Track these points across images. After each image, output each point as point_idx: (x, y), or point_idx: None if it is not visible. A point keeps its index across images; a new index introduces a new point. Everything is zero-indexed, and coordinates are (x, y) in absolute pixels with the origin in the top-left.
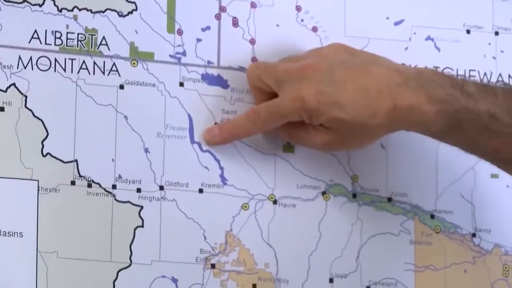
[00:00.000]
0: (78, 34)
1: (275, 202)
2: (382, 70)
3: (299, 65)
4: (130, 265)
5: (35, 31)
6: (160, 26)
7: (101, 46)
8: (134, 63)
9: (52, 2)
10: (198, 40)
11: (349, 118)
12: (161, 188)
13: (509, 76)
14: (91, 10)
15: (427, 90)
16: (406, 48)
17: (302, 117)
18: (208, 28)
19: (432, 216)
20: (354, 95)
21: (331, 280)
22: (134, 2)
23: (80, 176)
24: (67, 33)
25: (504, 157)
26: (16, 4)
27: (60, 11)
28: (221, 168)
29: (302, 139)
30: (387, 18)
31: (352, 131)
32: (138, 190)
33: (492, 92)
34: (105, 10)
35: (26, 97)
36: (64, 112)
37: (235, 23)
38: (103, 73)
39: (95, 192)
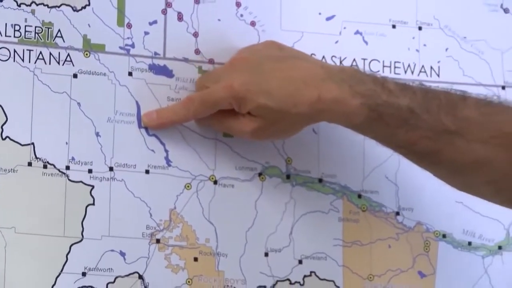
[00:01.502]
0: (35, 27)
1: (215, 182)
2: (308, 64)
3: (231, 59)
4: (82, 239)
5: None
6: (111, 20)
7: (56, 38)
8: (86, 54)
9: None
10: (146, 33)
11: (275, 106)
12: (111, 169)
13: (431, 67)
14: (47, 5)
15: (351, 85)
16: (337, 42)
17: (232, 105)
18: (155, 22)
19: (359, 196)
20: (280, 85)
21: (266, 254)
22: None
23: (36, 157)
24: (25, 26)
25: (419, 150)
26: None
27: (19, 6)
28: (166, 151)
29: (233, 128)
30: (320, 13)
31: (278, 119)
32: (90, 171)
33: (410, 90)
34: (61, 5)
35: None
36: (22, 99)
37: (180, 17)
38: (58, 63)
39: (50, 173)
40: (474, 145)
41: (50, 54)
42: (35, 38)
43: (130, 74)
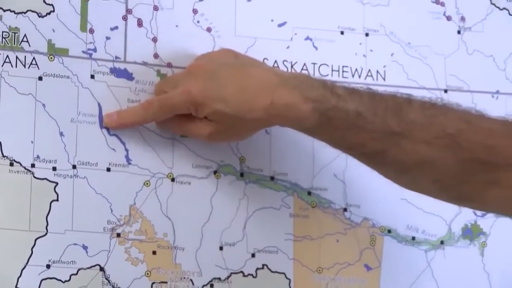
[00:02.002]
0: (2, 32)
1: (173, 179)
2: (262, 71)
3: (188, 66)
4: (46, 233)
5: None
6: (74, 25)
7: (22, 43)
8: (51, 58)
9: None
10: (107, 38)
11: (230, 112)
12: (74, 167)
13: (377, 72)
14: (14, 11)
15: (302, 91)
16: (288, 47)
17: (189, 109)
18: (116, 28)
19: (309, 193)
20: (235, 92)
21: (221, 248)
22: (51, 4)
23: (3, 156)
24: None
25: (367, 151)
26: None
27: None
28: (126, 150)
29: (190, 131)
30: (272, 20)
31: (233, 124)
32: (54, 169)
33: (358, 94)
34: (27, 11)
35: None
36: None
37: (139, 23)
38: (24, 66)
39: (16, 170)
40: (419, 146)
41: (17, 57)
42: (2, 43)
43: (92, 77)
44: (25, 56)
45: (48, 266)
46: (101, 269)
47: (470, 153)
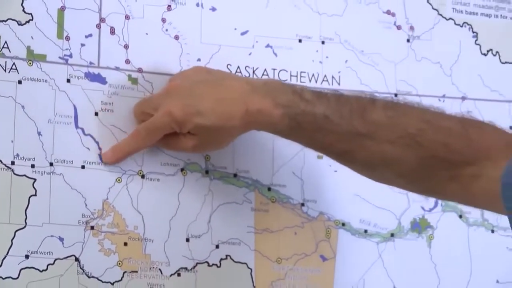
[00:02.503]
0: None
1: (143, 176)
2: (234, 82)
3: (165, 86)
4: (25, 226)
5: None
6: (51, 33)
7: (3, 49)
8: (30, 63)
9: None
10: (82, 45)
11: (210, 123)
12: (51, 164)
13: (332, 77)
14: None
15: (273, 97)
16: (250, 54)
17: (174, 128)
18: (90, 35)
19: (269, 189)
20: (212, 104)
21: (187, 240)
22: (30, 13)
23: None
24: None
25: (336, 151)
26: None
27: None
28: (100, 148)
29: (176, 146)
30: (235, 29)
31: (214, 134)
32: (32, 166)
33: (325, 97)
34: (7, 20)
35: None
36: None
37: (112, 31)
38: (5, 70)
39: None
40: (383, 146)
41: None
42: None
43: (68, 81)
44: (5, 62)
45: (27, 257)
46: (76, 259)
47: (430, 152)
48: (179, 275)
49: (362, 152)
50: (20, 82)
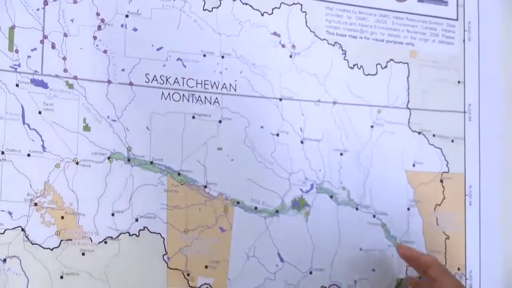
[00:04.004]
0: None
1: (77, 163)
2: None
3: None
4: None
5: None
6: (3, 46)
7: None
8: None
9: None
10: (29, 56)
11: None
12: (2, 153)
13: (230, 85)
14: None
15: None
16: (164, 65)
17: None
18: (35, 49)
19: (179, 174)
20: None
21: (112, 214)
22: None
23: None
24: None
25: None
26: None
27: None
28: (43, 140)
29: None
30: (152, 45)
31: None
32: None
33: None
34: None
35: None
36: None
37: (53, 46)
38: None
39: None
40: None
41: None
42: None
43: (17, 85)
44: None
45: None
46: (22, 229)
47: None
48: (105, 242)
49: None
50: None
